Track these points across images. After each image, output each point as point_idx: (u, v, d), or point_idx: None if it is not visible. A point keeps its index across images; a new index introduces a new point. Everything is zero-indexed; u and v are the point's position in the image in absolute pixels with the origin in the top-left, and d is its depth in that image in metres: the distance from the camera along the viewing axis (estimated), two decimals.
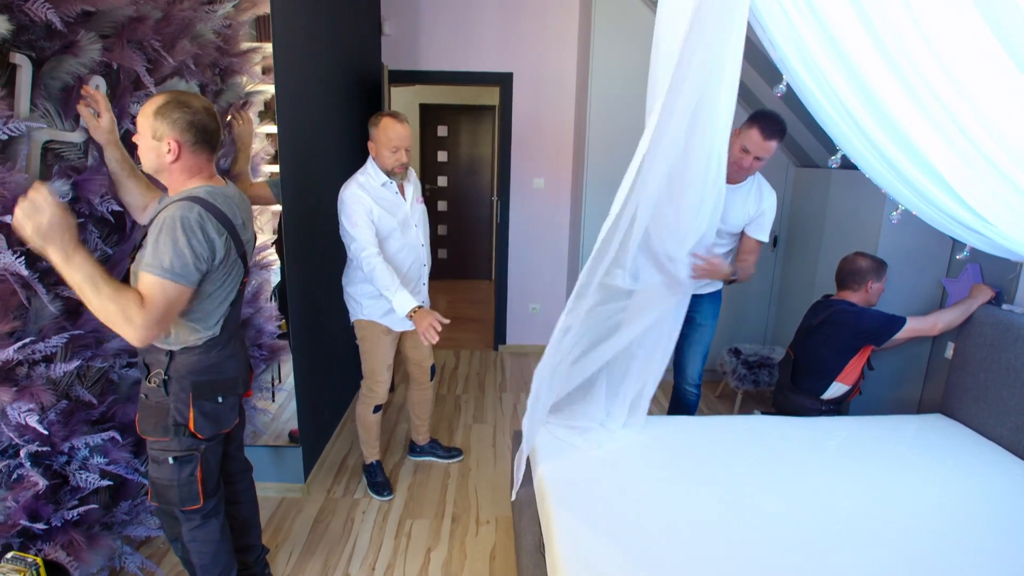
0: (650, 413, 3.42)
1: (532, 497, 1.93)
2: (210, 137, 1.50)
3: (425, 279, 2.45)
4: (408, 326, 2.36)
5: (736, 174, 2.23)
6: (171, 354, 1.53)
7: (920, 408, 2.78)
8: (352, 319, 2.43)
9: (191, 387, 1.54)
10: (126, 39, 1.68)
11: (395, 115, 2.22)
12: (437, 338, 2.08)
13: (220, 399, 1.60)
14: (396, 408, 3.43)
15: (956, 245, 2.52)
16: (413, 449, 2.88)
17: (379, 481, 2.58)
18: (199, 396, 1.55)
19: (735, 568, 1.45)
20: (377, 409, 2.51)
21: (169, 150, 1.45)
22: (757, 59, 2.95)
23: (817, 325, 2.50)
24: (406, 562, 2.14)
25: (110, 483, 1.74)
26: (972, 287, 2.40)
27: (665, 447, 2.01)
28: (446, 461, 2.85)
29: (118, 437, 1.74)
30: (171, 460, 1.54)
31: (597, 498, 1.71)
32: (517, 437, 2.36)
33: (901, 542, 1.58)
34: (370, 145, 2.25)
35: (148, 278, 1.37)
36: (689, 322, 2.42)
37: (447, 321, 2.13)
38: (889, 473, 1.91)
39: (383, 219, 2.23)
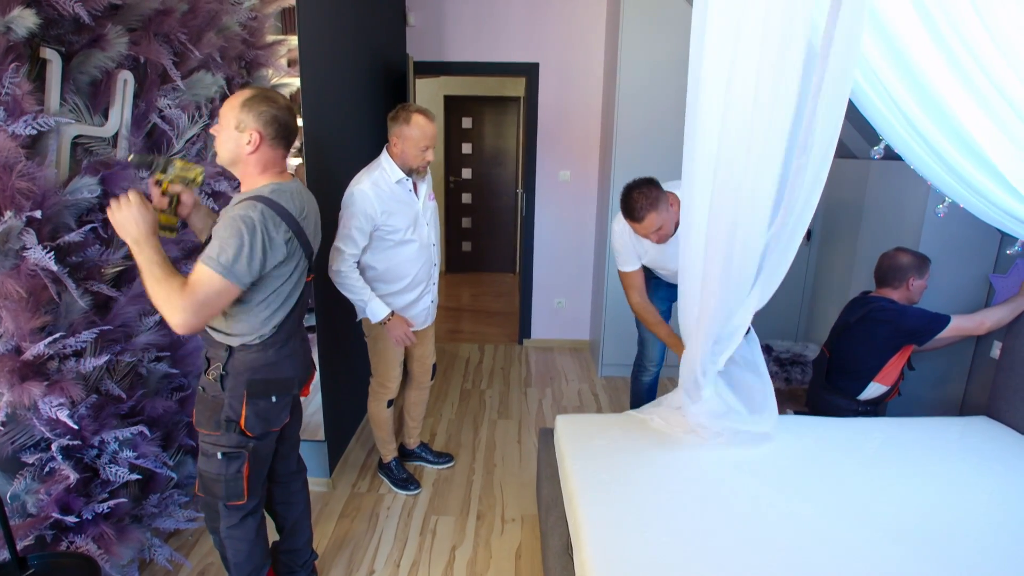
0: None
1: (559, 496, 1.90)
2: (289, 134, 1.53)
3: (435, 278, 2.40)
4: (416, 326, 2.37)
5: (666, 239, 2.22)
6: (231, 350, 1.53)
7: (962, 410, 2.66)
8: (360, 316, 2.35)
9: (246, 384, 1.53)
10: (153, 32, 1.68)
11: (424, 112, 2.12)
12: (409, 343, 2.29)
13: (274, 398, 1.59)
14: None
15: (1005, 239, 2.40)
16: (402, 453, 2.78)
17: (402, 477, 2.56)
18: (253, 394, 1.54)
19: (768, 573, 1.40)
20: (389, 404, 2.49)
21: (249, 141, 1.47)
22: None
23: (855, 323, 2.41)
24: (431, 560, 2.13)
25: (139, 476, 1.76)
26: (1022, 284, 2.28)
27: (697, 445, 1.95)
28: (436, 467, 2.75)
29: (146, 431, 1.75)
30: (220, 455, 1.55)
31: (626, 498, 1.67)
32: (543, 433, 2.33)
33: (946, 551, 1.50)
34: (394, 140, 2.11)
35: (200, 268, 1.38)
36: None
37: (412, 331, 2.31)
38: (932, 478, 1.82)
39: (393, 218, 2.13)
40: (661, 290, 2.56)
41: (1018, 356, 2.20)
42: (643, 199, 2.05)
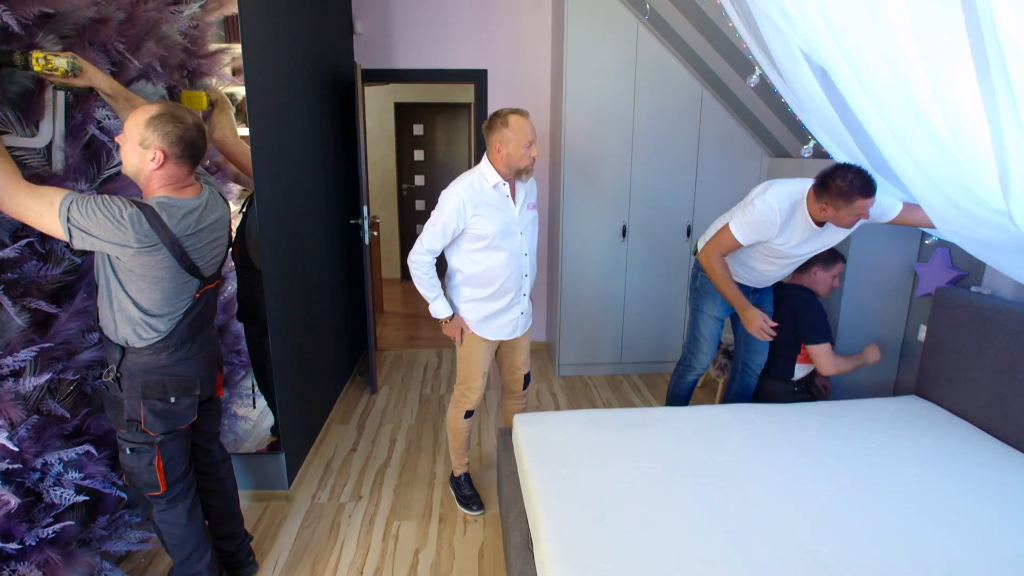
0: (637, 404, 3.44)
1: (519, 494, 1.93)
2: (196, 152, 1.55)
3: (526, 289, 2.32)
4: (504, 336, 2.34)
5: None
6: (123, 351, 1.57)
7: (896, 390, 2.84)
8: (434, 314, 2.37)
9: (141, 386, 1.59)
10: (88, 41, 1.64)
11: (519, 111, 2.12)
12: (460, 343, 2.35)
13: (173, 399, 1.64)
14: (379, 410, 3.41)
15: (924, 230, 2.58)
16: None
17: (468, 495, 2.49)
18: (149, 395, 1.60)
19: (722, 554, 1.47)
20: (468, 415, 2.44)
21: (153, 159, 1.48)
22: (730, 52, 2.98)
23: (776, 310, 2.57)
24: (394, 565, 2.13)
25: (86, 498, 1.70)
26: (865, 349, 2.49)
27: (650, 438, 2.03)
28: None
29: (93, 451, 1.70)
30: (128, 450, 1.63)
31: (583, 491, 1.72)
32: (502, 433, 2.36)
33: (882, 521, 1.61)
34: (496, 147, 2.11)
35: (58, 194, 1.39)
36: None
37: (471, 331, 2.30)
38: (868, 454, 1.95)
39: (483, 221, 2.12)
40: (767, 296, 2.57)
41: (941, 338, 2.37)
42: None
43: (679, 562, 1.44)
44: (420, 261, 2.21)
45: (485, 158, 2.17)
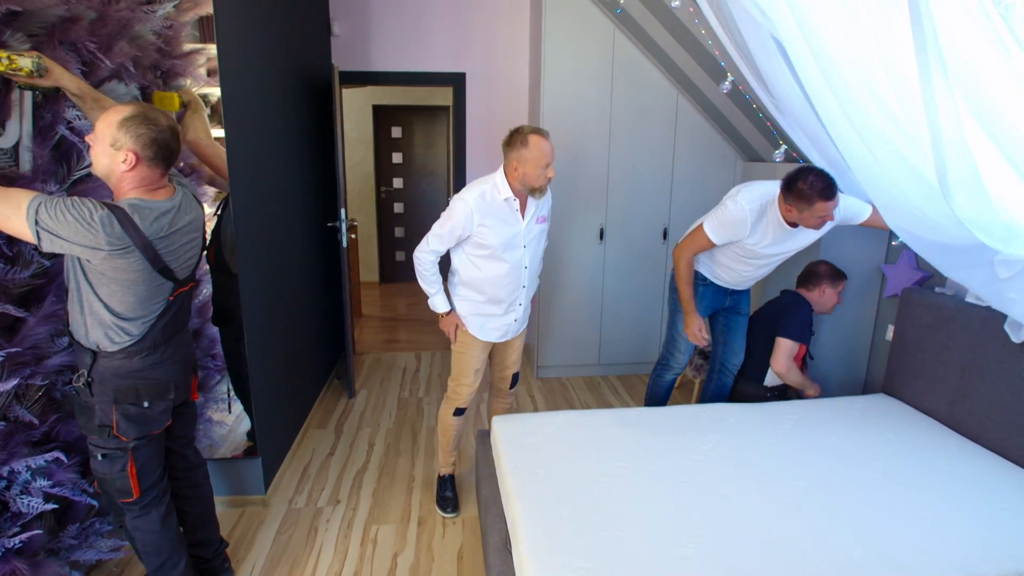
0: (615, 406, 3.48)
1: (497, 495, 1.94)
2: (169, 154, 1.52)
3: (522, 300, 2.35)
4: (495, 338, 2.36)
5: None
6: (94, 356, 1.54)
7: (865, 389, 2.91)
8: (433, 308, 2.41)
9: (113, 391, 1.56)
10: (58, 40, 1.61)
11: (539, 131, 2.10)
12: (454, 339, 2.40)
13: (147, 403, 1.61)
14: (358, 413, 3.39)
15: (892, 232, 2.65)
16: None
17: (447, 496, 2.48)
18: (121, 400, 1.57)
19: (698, 551, 1.50)
20: (459, 412, 2.44)
21: (125, 160, 1.46)
22: (704, 58, 3.04)
23: (763, 314, 2.62)
24: (373, 569, 2.12)
25: (55, 506, 1.67)
26: (810, 386, 2.58)
27: (628, 438, 2.05)
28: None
29: (63, 458, 1.66)
30: (100, 456, 1.59)
31: (561, 491, 1.73)
32: (481, 435, 2.37)
33: (852, 514, 1.66)
34: (513, 164, 2.10)
35: (28, 196, 1.36)
36: (736, 312, 2.61)
37: (465, 327, 2.34)
38: (839, 451, 2.00)
39: (489, 232, 2.15)
40: (744, 296, 2.64)
41: (907, 337, 2.44)
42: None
43: (656, 560, 1.46)
44: (424, 259, 2.28)
45: (501, 170, 2.18)
